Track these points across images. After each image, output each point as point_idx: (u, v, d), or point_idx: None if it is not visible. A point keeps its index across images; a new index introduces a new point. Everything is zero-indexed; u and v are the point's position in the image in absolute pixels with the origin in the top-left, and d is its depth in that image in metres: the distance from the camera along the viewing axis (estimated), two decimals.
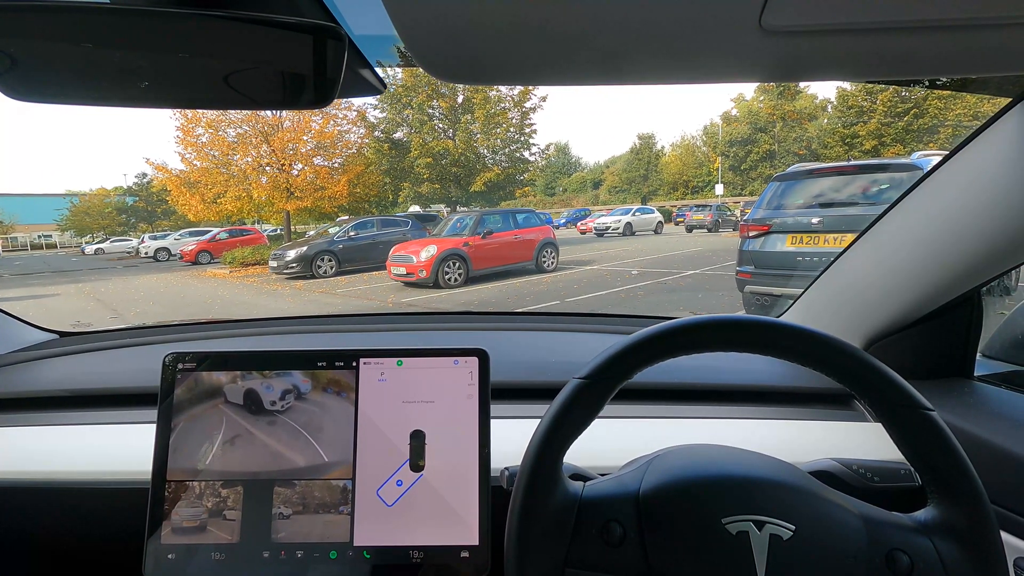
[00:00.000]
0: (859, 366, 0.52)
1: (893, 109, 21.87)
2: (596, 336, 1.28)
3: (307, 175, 16.33)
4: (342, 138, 17.13)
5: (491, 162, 19.72)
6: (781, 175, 5.01)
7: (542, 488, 0.54)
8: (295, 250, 11.73)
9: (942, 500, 0.51)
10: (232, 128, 15.97)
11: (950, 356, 0.94)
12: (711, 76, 0.53)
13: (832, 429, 0.92)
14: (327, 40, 0.49)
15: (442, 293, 8.74)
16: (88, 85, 0.53)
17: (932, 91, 21.21)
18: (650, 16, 0.42)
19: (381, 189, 19.05)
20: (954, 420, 0.79)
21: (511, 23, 0.43)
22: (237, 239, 16.84)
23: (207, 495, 0.71)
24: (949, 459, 0.50)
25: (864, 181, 4.53)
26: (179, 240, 19.69)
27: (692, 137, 37.29)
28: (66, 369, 1.17)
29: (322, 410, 0.74)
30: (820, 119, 28.22)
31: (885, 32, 0.43)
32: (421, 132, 19.20)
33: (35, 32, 0.47)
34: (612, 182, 41.01)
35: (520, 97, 19.02)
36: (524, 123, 19.60)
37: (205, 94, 0.55)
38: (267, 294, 10.13)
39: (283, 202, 15.95)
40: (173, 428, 0.73)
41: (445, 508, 0.71)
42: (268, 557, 0.70)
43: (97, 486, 0.88)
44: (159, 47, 0.49)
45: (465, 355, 0.75)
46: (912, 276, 0.87)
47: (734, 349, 0.55)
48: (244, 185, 15.85)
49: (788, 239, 4.60)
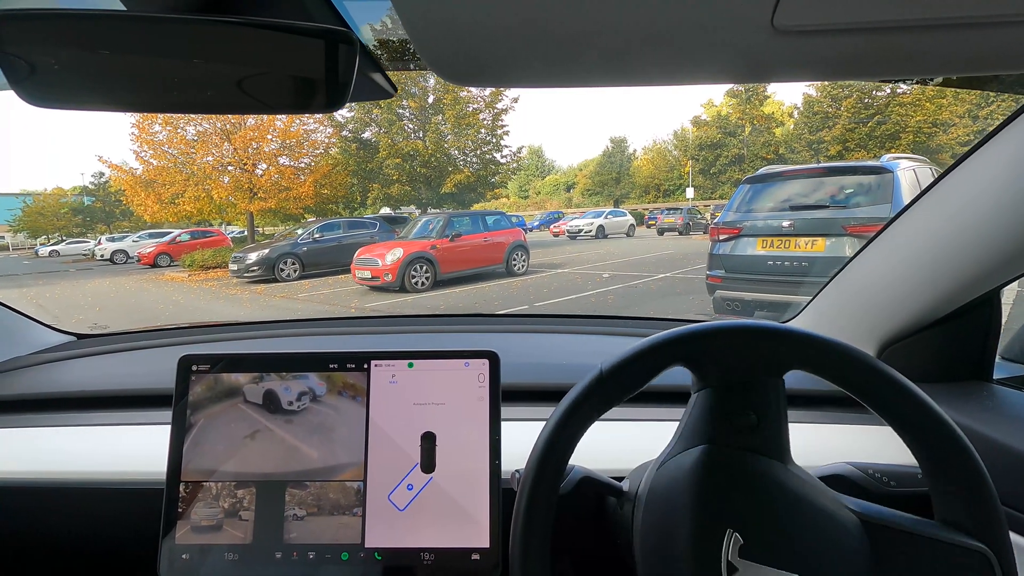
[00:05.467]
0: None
1: (857, 115, 22.39)
2: (608, 339, 1.27)
3: (271, 175, 15.80)
4: (308, 137, 16.66)
5: (462, 163, 19.48)
6: (751, 177, 4.88)
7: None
8: (256, 253, 11.33)
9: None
10: (192, 126, 15.38)
11: (968, 359, 0.91)
12: (722, 76, 0.52)
13: (848, 432, 0.90)
14: (339, 44, 0.49)
15: (408, 298, 8.49)
16: (105, 91, 0.53)
17: (894, 98, 21.90)
18: (661, 16, 0.42)
19: (349, 190, 18.66)
20: (972, 424, 0.76)
21: (522, 25, 0.43)
22: (199, 241, 16.27)
23: (221, 496, 0.72)
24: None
25: (834, 183, 4.42)
26: (138, 242, 18.94)
27: (663, 141, 37.89)
28: (84, 371, 1.19)
29: (334, 412, 0.74)
30: (787, 125, 28.90)
31: (899, 31, 0.43)
32: (390, 132, 18.82)
33: (54, 39, 0.48)
34: (585, 185, 41.35)
35: (492, 98, 18.83)
36: (496, 124, 19.41)
37: (220, 99, 0.55)
38: (225, 299, 9.70)
39: (246, 203, 15.40)
40: (189, 429, 0.74)
41: (456, 511, 0.71)
42: (280, 558, 0.70)
43: (114, 486, 0.88)
44: (175, 53, 0.50)
45: (476, 357, 0.75)
46: (929, 277, 0.84)
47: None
48: (204, 185, 15.22)
49: (759, 243, 4.47)
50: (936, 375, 0.90)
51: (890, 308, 0.92)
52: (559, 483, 0.55)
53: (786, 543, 0.51)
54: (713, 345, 0.56)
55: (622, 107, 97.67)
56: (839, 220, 4.12)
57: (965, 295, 0.83)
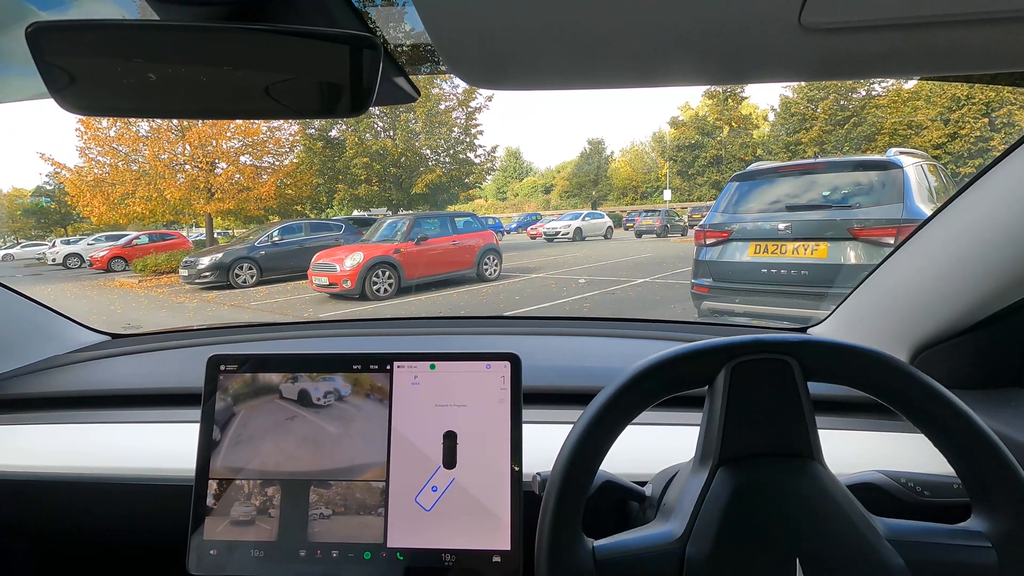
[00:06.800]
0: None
1: (833, 117, 22.40)
2: (630, 342, 1.26)
3: (231, 174, 14.93)
4: (272, 135, 15.83)
5: (434, 163, 18.81)
6: (740, 174, 4.33)
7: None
8: (209, 257, 10.55)
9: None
10: (145, 121, 14.42)
11: (1006, 365, 0.89)
12: (750, 76, 0.52)
13: (880, 439, 0.87)
14: (363, 50, 0.50)
15: (368, 306, 7.83)
16: (140, 98, 0.54)
17: (870, 100, 21.95)
18: (687, 16, 0.42)
19: (314, 190, 17.85)
20: (1009, 432, 0.75)
21: (548, 28, 0.43)
22: (156, 244, 15.41)
23: (248, 494, 0.74)
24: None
25: (837, 180, 3.90)
26: (93, 245, 18.02)
27: (641, 143, 37.94)
28: (119, 369, 1.22)
29: (358, 412, 0.75)
30: (762, 128, 28.94)
31: (927, 27, 0.42)
32: (358, 130, 18.04)
33: (91, 49, 0.50)
34: (563, 187, 41.16)
35: (465, 96, 18.21)
36: (469, 123, 18.79)
37: (248, 105, 0.55)
38: (168, 308, 8.92)
39: (203, 204, 14.54)
40: (228, 424, 0.76)
41: (477, 512, 0.72)
42: (304, 556, 0.72)
43: (147, 483, 0.91)
44: (206, 61, 0.51)
45: (497, 359, 0.75)
46: (965, 281, 0.82)
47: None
48: (156, 184, 14.25)
49: (751, 248, 3.93)
50: (972, 382, 0.88)
51: (924, 312, 0.90)
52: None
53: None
54: (755, 357, 0.56)
55: (600, 109, 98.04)
56: (843, 222, 3.59)
57: (1003, 299, 0.80)
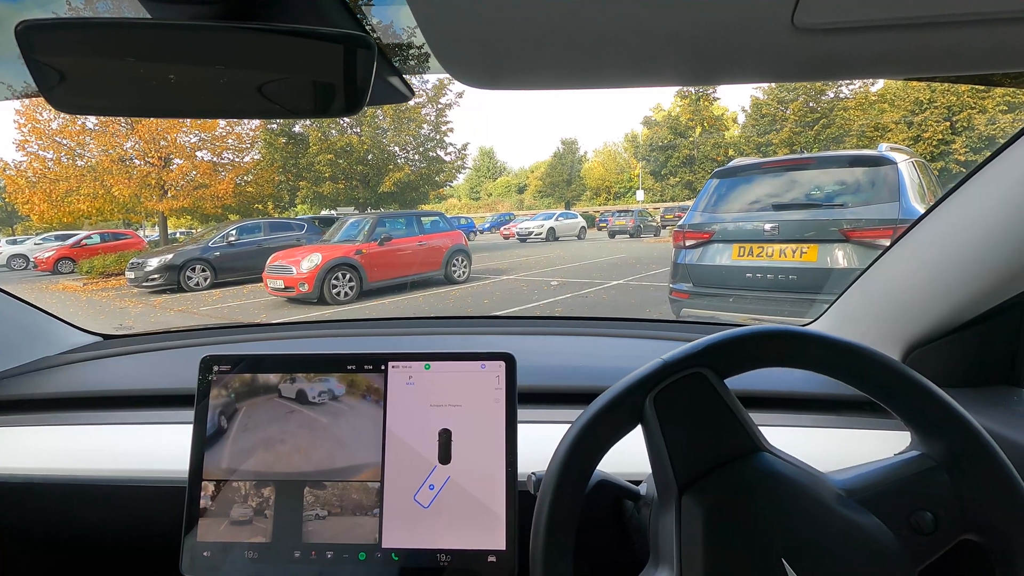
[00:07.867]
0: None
1: (804, 118, 22.61)
2: (626, 341, 1.25)
3: (185, 170, 14.13)
4: (231, 130, 15.06)
5: (402, 160, 18.26)
6: (721, 170, 4.01)
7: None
8: (158, 258, 9.84)
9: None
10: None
11: (998, 363, 0.88)
12: (744, 76, 0.53)
13: (873, 438, 0.87)
14: (357, 49, 0.50)
15: (327, 310, 7.33)
16: (131, 97, 0.54)
17: (838, 102, 22.19)
18: (681, 17, 0.42)
19: (276, 188, 17.10)
20: (1001, 430, 0.73)
21: (542, 29, 0.43)
22: (107, 245, 14.57)
23: (242, 495, 0.73)
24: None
25: (826, 177, 3.60)
26: (40, 244, 17.12)
27: (614, 144, 37.91)
28: (111, 370, 1.21)
29: (352, 412, 0.75)
30: (732, 129, 29.14)
31: (921, 28, 0.43)
32: (322, 126, 17.33)
33: (82, 47, 0.50)
34: (536, 187, 40.97)
35: (435, 93, 17.70)
36: (440, 120, 18.27)
37: (240, 104, 0.55)
38: (109, 313, 8.24)
39: (155, 201, 13.71)
40: (216, 429, 0.75)
41: (472, 511, 0.71)
42: (299, 557, 0.71)
43: (140, 484, 0.90)
44: (198, 60, 0.51)
45: (492, 359, 0.75)
46: (957, 279, 0.81)
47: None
48: (103, 181, 13.37)
49: (734, 250, 3.61)
50: (964, 379, 0.87)
51: (916, 310, 0.89)
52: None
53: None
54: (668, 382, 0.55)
55: (573, 108, 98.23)
56: (835, 222, 3.29)
57: (996, 297, 0.80)
